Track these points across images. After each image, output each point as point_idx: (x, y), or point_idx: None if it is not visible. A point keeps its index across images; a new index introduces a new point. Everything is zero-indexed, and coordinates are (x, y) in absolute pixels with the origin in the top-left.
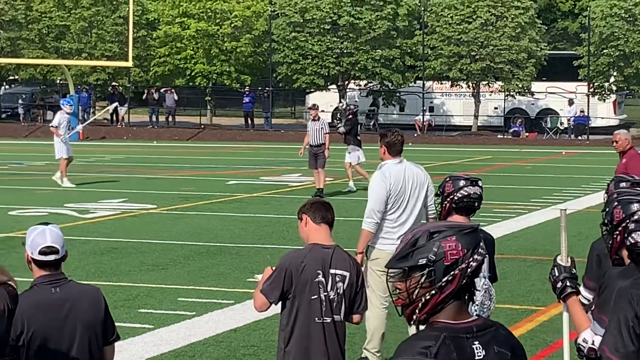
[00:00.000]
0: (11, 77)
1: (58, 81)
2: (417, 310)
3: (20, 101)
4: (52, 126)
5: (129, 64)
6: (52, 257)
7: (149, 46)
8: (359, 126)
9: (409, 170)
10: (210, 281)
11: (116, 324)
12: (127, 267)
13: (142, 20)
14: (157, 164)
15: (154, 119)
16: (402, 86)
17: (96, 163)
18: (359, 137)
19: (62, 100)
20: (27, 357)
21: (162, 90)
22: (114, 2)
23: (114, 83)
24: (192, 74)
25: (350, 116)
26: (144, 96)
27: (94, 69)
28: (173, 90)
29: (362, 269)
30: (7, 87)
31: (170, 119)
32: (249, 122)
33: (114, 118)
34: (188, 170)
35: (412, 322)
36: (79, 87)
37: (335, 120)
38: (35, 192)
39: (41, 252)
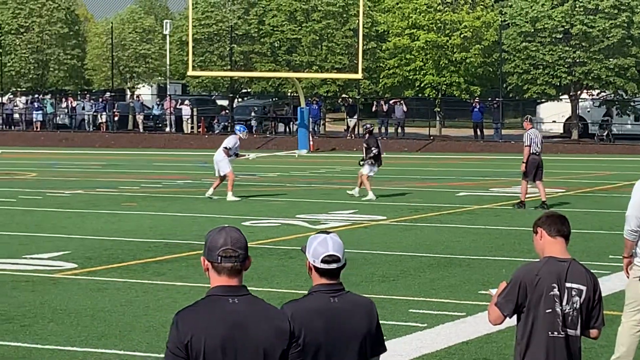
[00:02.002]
0: (244, 90)
1: (289, 94)
2: None
3: (252, 114)
4: (225, 147)
5: (359, 75)
6: (334, 265)
7: (379, 58)
8: (377, 142)
9: None
10: (441, 293)
11: None
12: (358, 278)
13: (371, 33)
14: (387, 176)
15: (383, 130)
16: (638, 95)
17: (326, 174)
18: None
19: (239, 126)
20: None
21: (391, 101)
22: (344, 15)
23: (343, 95)
24: (422, 85)
25: (368, 135)
26: (373, 108)
27: (324, 81)
28: (402, 101)
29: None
30: (240, 100)
31: (399, 130)
32: (479, 133)
33: (347, 129)
34: (417, 181)
35: None
36: (309, 99)
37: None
38: (268, 202)
39: (324, 261)
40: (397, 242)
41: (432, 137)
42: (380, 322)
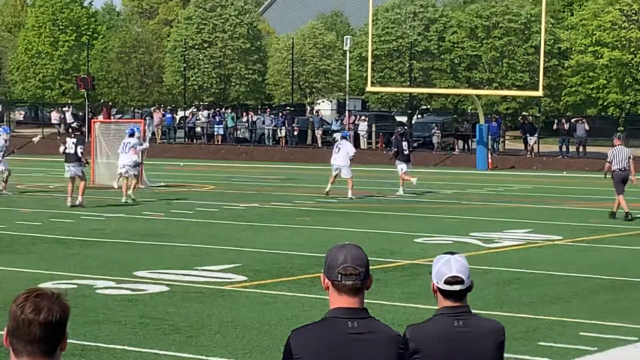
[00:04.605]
0: (423, 107)
1: (469, 111)
2: None
3: (432, 130)
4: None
5: (540, 93)
6: (456, 287)
7: (560, 75)
8: (404, 144)
9: None
10: (614, 316)
11: (515, 356)
12: (529, 299)
13: (554, 50)
14: (566, 195)
15: (564, 149)
16: None
17: (504, 192)
18: (405, 153)
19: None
20: None
21: (572, 120)
22: (526, 32)
23: (524, 113)
24: (605, 103)
25: (394, 137)
26: (554, 126)
27: (504, 99)
28: (584, 120)
29: None
30: (419, 116)
31: (580, 149)
32: None
33: (526, 148)
34: (597, 201)
35: None
36: (488, 116)
37: None
38: (442, 220)
39: (446, 282)
40: (572, 263)
41: None
42: (549, 344)
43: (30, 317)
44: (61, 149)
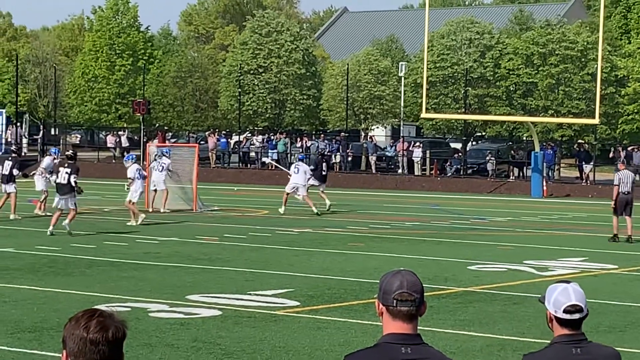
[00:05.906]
0: (478, 134)
1: (524, 138)
2: None
3: (487, 157)
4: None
5: (596, 121)
6: (576, 316)
7: (617, 103)
8: (323, 165)
9: None
10: None
11: None
12: (584, 328)
13: (610, 77)
14: (621, 223)
15: None
16: None
17: (558, 220)
18: (323, 174)
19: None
20: None
21: (629, 148)
22: (583, 59)
23: (579, 140)
24: None
25: (319, 157)
26: (611, 154)
27: (560, 126)
28: None
29: None
30: (473, 143)
31: (637, 177)
32: None
33: (582, 176)
34: None
35: None
36: (544, 143)
37: None
38: (496, 247)
39: (566, 311)
40: (626, 292)
41: None
42: None
43: (98, 336)
44: (52, 178)
